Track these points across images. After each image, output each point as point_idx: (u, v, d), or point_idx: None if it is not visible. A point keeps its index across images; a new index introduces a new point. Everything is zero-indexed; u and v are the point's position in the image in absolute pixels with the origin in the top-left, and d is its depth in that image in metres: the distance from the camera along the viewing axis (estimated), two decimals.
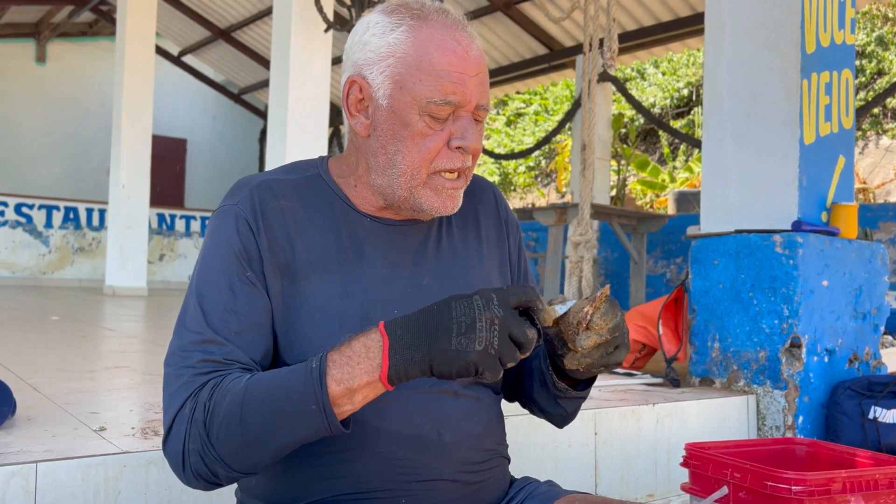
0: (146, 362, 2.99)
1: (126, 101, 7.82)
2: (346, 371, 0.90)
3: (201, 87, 12.81)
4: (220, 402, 0.94)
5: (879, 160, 9.88)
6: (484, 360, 0.85)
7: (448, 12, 1.06)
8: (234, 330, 1.01)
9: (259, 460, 0.95)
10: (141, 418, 1.82)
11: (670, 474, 2.35)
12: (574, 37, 7.92)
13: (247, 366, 1.01)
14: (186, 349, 1.00)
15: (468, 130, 1.04)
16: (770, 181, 2.79)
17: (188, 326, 1.02)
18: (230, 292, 1.02)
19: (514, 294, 0.89)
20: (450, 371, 0.86)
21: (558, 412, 1.17)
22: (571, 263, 3.88)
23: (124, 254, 7.82)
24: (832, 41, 2.87)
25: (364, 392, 0.90)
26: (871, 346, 2.85)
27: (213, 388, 0.96)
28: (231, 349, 1.00)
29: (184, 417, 0.96)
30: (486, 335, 0.85)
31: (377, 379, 0.89)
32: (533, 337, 0.87)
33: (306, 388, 0.90)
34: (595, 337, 0.95)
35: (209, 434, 0.94)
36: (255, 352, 1.03)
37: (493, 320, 0.86)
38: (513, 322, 0.86)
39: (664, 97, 12.34)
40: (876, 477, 1.45)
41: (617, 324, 0.96)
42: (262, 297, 1.04)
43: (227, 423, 0.93)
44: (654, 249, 7.40)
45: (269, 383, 0.94)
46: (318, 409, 0.90)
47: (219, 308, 1.02)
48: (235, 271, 1.03)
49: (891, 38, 10.59)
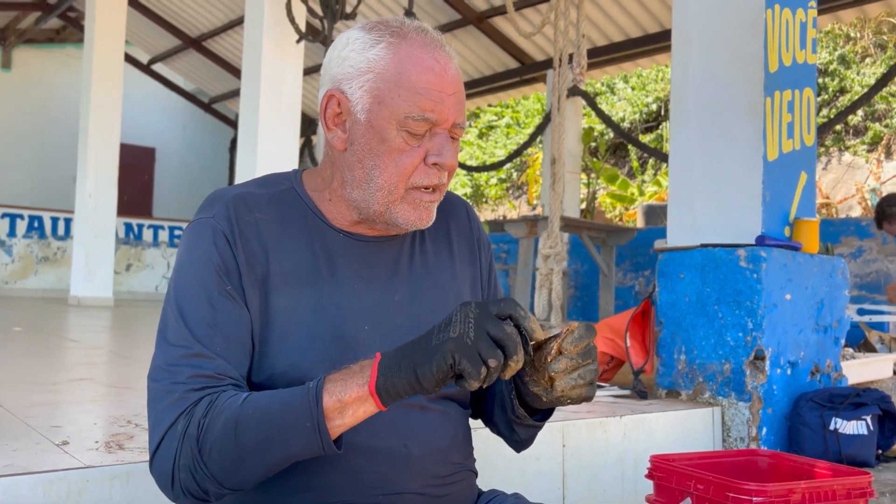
0: (111, 374, 2.94)
1: (94, 108, 7.72)
2: (340, 385, 0.91)
3: (171, 96, 12.70)
4: (216, 419, 0.94)
5: (842, 176, 10.10)
6: (460, 346, 0.85)
7: (427, 31, 1.07)
8: (219, 345, 1.01)
9: (250, 477, 0.95)
10: (105, 432, 1.80)
11: (636, 486, 2.37)
12: (545, 51, 8.00)
13: (237, 381, 1.01)
14: (174, 364, 0.99)
15: (444, 147, 1.05)
16: (735, 196, 2.84)
17: (172, 341, 1.01)
18: (210, 307, 1.02)
19: (493, 303, 0.90)
20: (430, 367, 0.86)
21: (513, 438, 1.19)
22: (542, 275, 3.91)
23: (90, 263, 7.70)
24: (794, 60, 2.94)
25: (354, 407, 0.91)
26: (833, 358, 2.91)
27: (208, 405, 0.96)
28: (220, 363, 1.00)
29: (176, 434, 0.95)
30: (461, 325, 0.87)
31: (366, 392, 0.90)
32: (513, 334, 0.87)
33: (303, 404, 0.92)
34: (565, 360, 0.93)
35: (202, 450, 0.94)
36: (241, 367, 1.03)
37: (468, 314, 0.88)
38: (488, 319, 0.87)
39: (633, 112, 12.50)
40: (834, 488, 1.48)
41: (588, 350, 0.94)
42: (242, 311, 1.03)
43: (222, 439, 0.93)
44: (623, 262, 7.48)
45: (265, 401, 0.95)
46: (313, 425, 0.91)
47: (201, 323, 1.01)
48: (215, 285, 1.03)
49: (852, 57, 10.85)
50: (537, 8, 7.22)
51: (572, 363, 0.93)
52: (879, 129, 10.07)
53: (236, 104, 10.82)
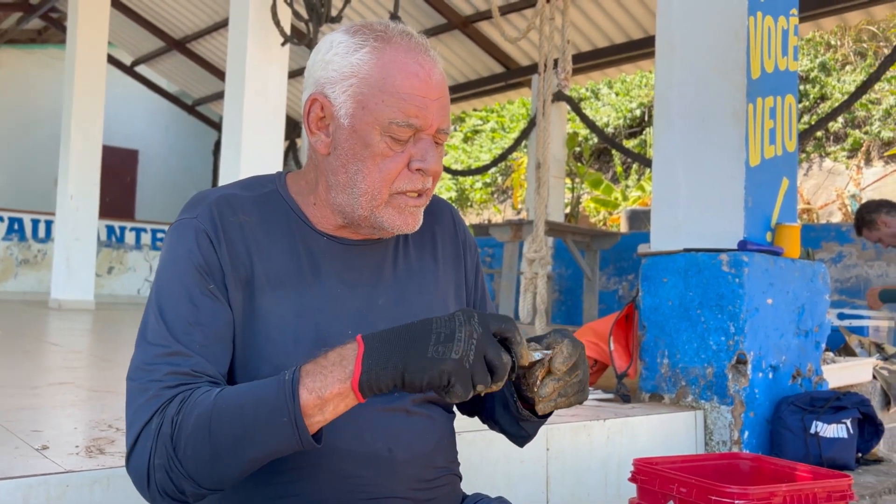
0: (92, 378, 2.92)
1: (76, 110, 7.65)
2: (319, 380, 0.89)
3: (154, 98, 12.61)
4: (189, 415, 0.92)
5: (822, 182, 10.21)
6: (458, 371, 0.85)
7: (412, 35, 1.07)
8: (198, 343, 0.99)
9: (227, 475, 0.93)
10: (86, 436, 1.78)
11: (620, 489, 2.38)
12: (530, 56, 8.03)
13: (214, 378, 1.00)
14: (152, 363, 0.98)
15: (428, 153, 1.05)
16: (717, 202, 2.86)
17: (151, 340, 1.00)
18: (192, 305, 1.01)
19: (494, 320, 0.89)
20: (422, 379, 0.85)
21: (520, 434, 1.18)
22: (526, 279, 3.92)
23: (71, 266, 7.62)
24: (776, 67, 2.97)
25: (335, 402, 0.89)
26: (814, 362, 2.93)
27: (181, 402, 0.94)
28: (198, 360, 0.99)
29: (150, 432, 0.94)
30: (464, 346, 0.86)
31: (348, 388, 0.88)
32: (507, 364, 0.87)
33: (278, 399, 0.89)
34: (552, 383, 0.96)
35: (176, 449, 0.92)
36: (221, 365, 1.02)
37: (472, 334, 0.86)
38: (489, 343, 0.87)
39: (617, 117, 12.57)
40: (815, 490, 1.50)
41: (575, 365, 0.96)
42: (224, 309, 1.03)
43: (195, 437, 0.91)
44: (607, 266, 7.51)
45: (239, 396, 0.93)
46: (290, 421, 0.88)
47: (181, 321, 1.00)
48: (196, 284, 1.02)
49: (833, 65, 10.98)
50: (523, 13, 7.25)
51: (559, 384, 0.96)
52: (859, 135, 10.19)
53: (220, 106, 10.77)
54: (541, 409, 0.98)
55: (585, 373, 0.98)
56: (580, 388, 0.98)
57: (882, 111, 10.15)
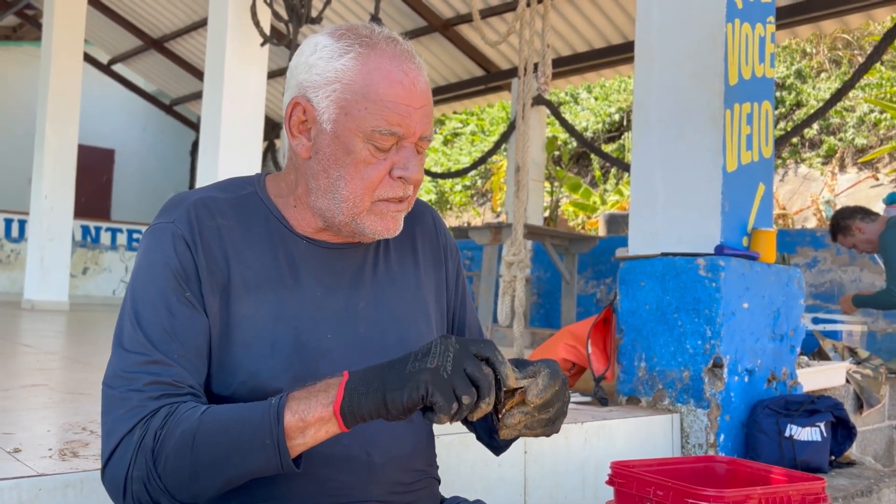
0: (66, 380, 2.88)
1: (51, 108, 7.55)
2: (304, 404, 0.90)
3: (131, 97, 12.48)
4: (173, 431, 0.92)
5: (798, 187, 10.34)
6: (435, 379, 0.84)
7: (397, 41, 1.06)
8: (175, 352, 0.99)
9: (204, 493, 0.93)
10: (59, 439, 1.75)
11: (597, 492, 2.39)
12: (510, 60, 8.06)
13: (195, 388, 0.99)
14: (131, 371, 0.97)
15: (410, 161, 1.05)
16: (695, 206, 2.89)
17: (128, 347, 0.99)
18: (169, 313, 1.00)
19: (473, 342, 0.90)
20: (402, 395, 0.85)
21: (493, 444, 1.20)
22: (505, 282, 3.92)
23: (45, 266, 7.52)
24: (753, 74, 3.00)
25: (317, 427, 0.90)
26: (788, 366, 2.97)
27: (166, 415, 0.94)
28: (178, 370, 0.98)
29: (131, 443, 0.93)
30: (439, 358, 0.86)
31: (330, 412, 0.88)
32: (490, 375, 0.87)
33: (263, 421, 0.90)
34: (520, 415, 0.94)
35: (156, 462, 0.92)
36: (198, 374, 1.01)
37: (447, 347, 0.87)
38: (467, 357, 0.87)
39: (596, 122, 12.64)
40: (789, 493, 1.51)
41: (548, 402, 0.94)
42: (201, 317, 1.02)
43: (178, 453, 0.91)
44: (585, 270, 7.55)
45: (225, 415, 0.93)
46: (273, 443, 0.89)
47: (159, 329, 0.99)
48: (173, 291, 1.01)
49: (808, 72, 11.13)
50: (503, 17, 7.27)
51: (527, 418, 0.94)
52: (834, 142, 10.34)
53: (198, 107, 10.69)
54: (503, 435, 0.96)
55: (561, 408, 0.95)
56: (548, 423, 0.95)
57: (856, 118, 10.30)
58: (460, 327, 1.28)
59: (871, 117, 10.15)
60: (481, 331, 1.32)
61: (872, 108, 10.05)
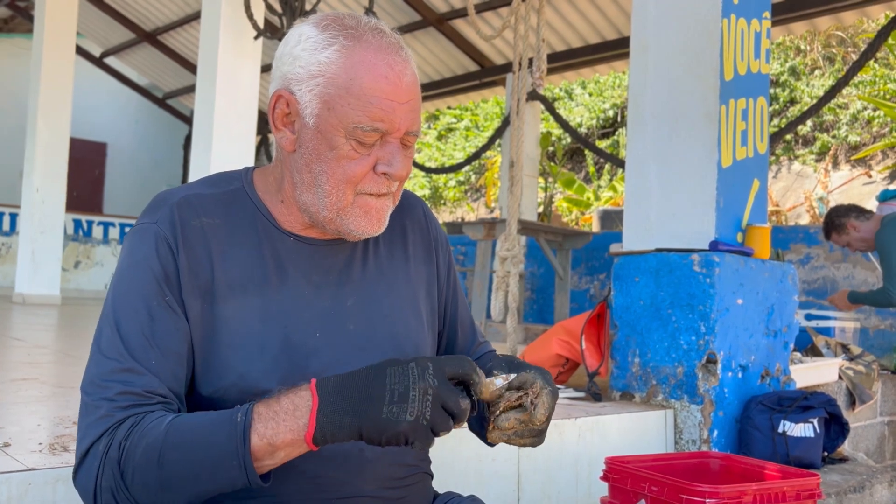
0: (57, 374, 2.86)
1: (43, 101, 7.50)
2: (271, 427, 0.88)
3: (124, 90, 12.41)
4: (137, 443, 0.91)
5: (791, 184, 10.36)
6: (415, 430, 0.86)
7: (384, 33, 1.04)
8: (153, 358, 0.97)
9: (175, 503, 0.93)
10: (49, 433, 1.74)
11: (591, 488, 2.39)
12: (505, 55, 8.04)
13: (167, 398, 0.98)
14: (105, 378, 0.96)
15: (395, 157, 1.03)
16: (689, 202, 2.88)
17: (105, 353, 0.98)
18: (149, 317, 0.99)
19: (450, 365, 0.89)
20: (379, 439, 0.87)
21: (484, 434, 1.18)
22: (498, 278, 3.92)
23: (36, 260, 7.48)
24: (748, 70, 3.00)
25: (287, 450, 0.90)
26: (782, 362, 2.97)
27: (130, 426, 0.93)
28: (150, 379, 0.97)
29: (97, 453, 0.93)
30: (418, 406, 0.86)
31: (301, 439, 0.88)
32: (466, 408, 0.89)
33: (229, 443, 0.89)
34: (516, 423, 0.96)
35: (123, 475, 0.91)
36: (175, 381, 1.00)
37: (426, 391, 0.86)
38: (447, 393, 0.87)
39: (591, 117, 12.64)
40: (784, 489, 1.51)
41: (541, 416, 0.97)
42: (181, 322, 1.00)
43: (144, 467, 0.90)
44: (579, 265, 7.55)
45: (191, 431, 0.91)
46: (239, 464, 0.88)
47: (137, 334, 0.98)
48: (154, 295, 0.99)
49: (802, 69, 11.15)
50: (498, 11, 7.25)
51: (521, 426, 0.97)
52: (827, 139, 10.36)
53: (191, 100, 10.64)
54: (491, 438, 0.98)
55: (549, 421, 1.00)
56: (539, 434, 0.99)
57: (849, 116, 10.32)
58: (452, 321, 1.27)
59: (864, 114, 10.18)
60: (474, 323, 1.31)
61: (866, 106, 10.07)
